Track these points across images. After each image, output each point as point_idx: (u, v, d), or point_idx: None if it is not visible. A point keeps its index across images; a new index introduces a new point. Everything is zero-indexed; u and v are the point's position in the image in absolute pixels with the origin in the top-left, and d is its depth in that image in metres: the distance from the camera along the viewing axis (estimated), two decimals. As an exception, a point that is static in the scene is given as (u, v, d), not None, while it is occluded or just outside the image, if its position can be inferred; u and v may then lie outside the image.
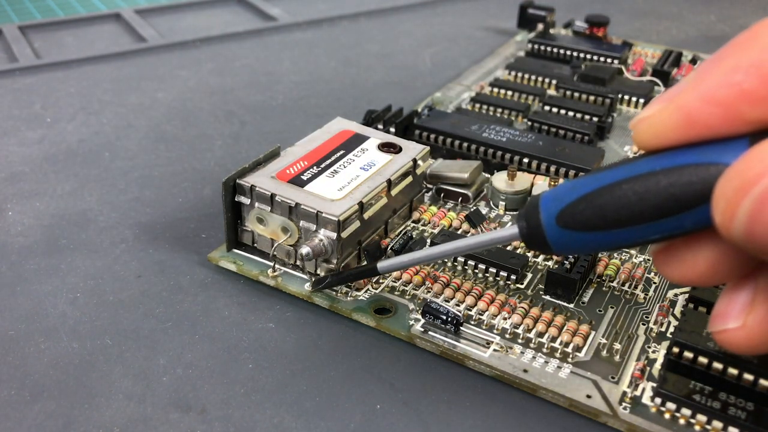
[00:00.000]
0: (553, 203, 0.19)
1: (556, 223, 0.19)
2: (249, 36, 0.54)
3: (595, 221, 0.18)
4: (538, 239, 0.20)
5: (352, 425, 0.23)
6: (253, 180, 0.28)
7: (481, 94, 0.43)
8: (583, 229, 0.19)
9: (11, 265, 0.29)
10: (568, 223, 0.19)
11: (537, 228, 0.20)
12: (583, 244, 0.19)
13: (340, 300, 0.27)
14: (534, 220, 0.20)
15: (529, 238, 0.20)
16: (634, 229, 0.18)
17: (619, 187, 0.18)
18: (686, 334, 0.23)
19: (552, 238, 0.19)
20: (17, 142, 0.39)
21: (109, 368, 0.24)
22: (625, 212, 0.18)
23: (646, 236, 0.18)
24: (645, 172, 0.18)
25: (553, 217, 0.19)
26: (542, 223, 0.19)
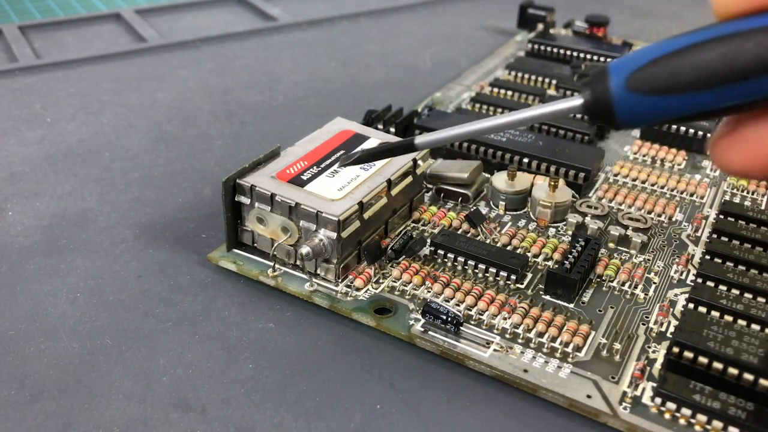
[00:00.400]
0: (624, 67, 0.18)
1: (626, 87, 0.18)
2: (249, 36, 0.54)
3: (670, 83, 0.18)
4: (603, 107, 0.19)
5: (352, 425, 0.23)
6: (253, 180, 0.28)
7: (481, 94, 0.43)
8: (655, 93, 0.18)
9: (11, 265, 0.29)
10: (639, 86, 0.18)
11: (604, 94, 0.18)
12: (653, 110, 0.18)
13: (340, 300, 0.27)
14: (601, 85, 0.19)
15: (594, 106, 0.19)
16: (711, 93, 0.17)
17: (699, 47, 0.17)
18: (686, 334, 0.23)
19: (620, 105, 0.18)
20: (17, 142, 0.39)
21: (109, 368, 0.24)
22: (705, 73, 0.17)
23: (721, 102, 0.17)
24: (730, 32, 0.17)
25: (623, 80, 0.18)
26: (611, 87, 0.18)
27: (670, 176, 0.35)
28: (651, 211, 0.33)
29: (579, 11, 0.56)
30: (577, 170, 0.34)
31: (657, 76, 0.18)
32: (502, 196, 0.32)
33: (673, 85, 0.17)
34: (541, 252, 0.29)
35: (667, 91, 0.18)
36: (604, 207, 0.32)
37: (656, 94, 0.18)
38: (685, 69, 0.17)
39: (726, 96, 0.17)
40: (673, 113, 0.18)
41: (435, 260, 0.29)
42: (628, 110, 0.18)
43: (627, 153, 0.38)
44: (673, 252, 0.30)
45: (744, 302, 0.25)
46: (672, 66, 0.17)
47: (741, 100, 0.17)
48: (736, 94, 0.17)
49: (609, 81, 0.18)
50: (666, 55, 0.18)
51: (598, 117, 0.19)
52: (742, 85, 0.17)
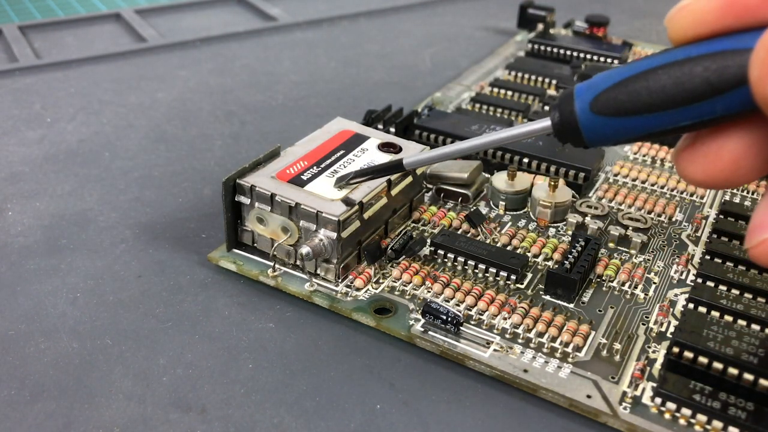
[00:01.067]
0: (588, 91, 0.20)
1: (590, 110, 0.20)
2: (249, 36, 0.54)
3: (629, 106, 0.19)
4: (570, 128, 0.20)
5: (352, 425, 0.23)
6: (253, 180, 0.28)
7: (481, 94, 0.43)
8: (616, 115, 0.19)
9: (11, 265, 0.29)
10: (602, 109, 0.19)
11: (570, 116, 0.20)
12: (616, 130, 0.19)
13: (340, 300, 0.27)
14: (567, 108, 0.20)
15: (562, 128, 0.20)
16: (666, 114, 0.19)
17: (654, 72, 0.19)
18: (686, 334, 0.23)
19: (585, 126, 0.20)
20: (17, 142, 0.39)
21: (109, 368, 0.24)
22: (660, 96, 0.18)
23: (677, 122, 0.19)
24: (681, 58, 0.18)
25: (587, 104, 0.20)
26: (576, 110, 0.20)
27: (670, 176, 0.35)
28: (651, 211, 0.33)
29: (579, 11, 0.56)
30: (577, 170, 0.34)
31: (617, 99, 0.19)
32: (502, 196, 0.32)
33: (632, 107, 0.19)
34: (541, 252, 0.29)
35: (627, 113, 0.19)
36: (604, 207, 0.32)
37: (618, 115, 0.19)
38: (643, 93, 0.19)
39: (680, 117, 0.18)
40: (635, 133, 0.19)
41: (435, 260, 0.29)
42: (594, 131, 0.20)
43: (627, 153, 0.38)
44: (673, 252, 0.30)
45: (744, 302, 0.25)
46: (630, 90, 0.19)
47: (694, 120, 0.18)
48: (690, 115, 0.18)
49: (574, 104, 0.20)
50: (625, 80, 0.19)
51: (566, 137, 0.21)
52: (694, 106, 0.18)
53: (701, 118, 0.18)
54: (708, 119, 0.18)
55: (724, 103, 0.18)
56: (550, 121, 0.21)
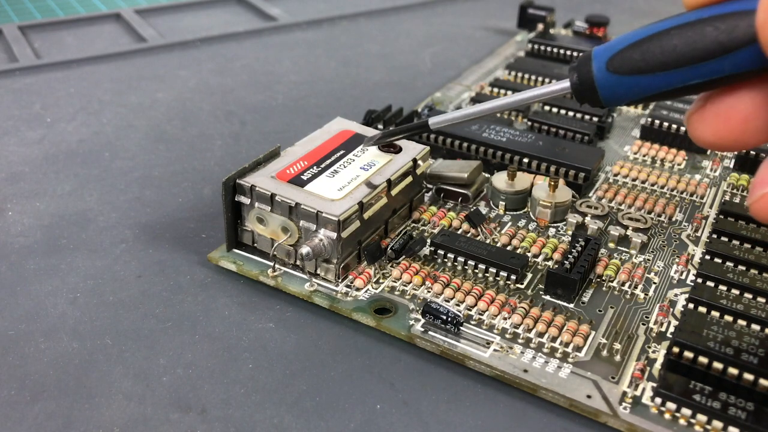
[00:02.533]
0: (605, 52, 0.21)
1: (607, 69, 0.21)
2: (249, 36, 0.54)
3: (642, 65, 0.20)
4: (588, 88, 0.22)
5: (352, 425, 0.23)
6: (253, 180, 0.28)
7: (481, 94, 0.43)
8: (631, 73, 0.20)
9: (11, 265, 0.29)
10: (618, 68, 0.21)
11: (588, 75, 0.21)
12: (630, 89, 0.21)
13: (340, 300, 0.27)
14: (585, 68, 0.21)
15: (580, 88, 0.22)
16: (678, 72, 0.20)
17: (667, 33, 0.20)
18: (686, 334, 0.23)
19: (601, 85, 0.21)
20: (17, 142, 0.39)
21: (109, 368, 0.24)
22: (672, 55, 0.20)
23: (688, 80, 0.20)
24: (693, 20, 0.20)
25: (604, 63, 0.21)
26: (593, 70, 0.21)
27: (670, 176, 0.35)
28: (651, 211, 0.33)
29: (579, 11, 0.56)
30: (577, 170, 0.34)
31: (632, 59, 0.21)
32: (502, 196, 0.32)
33: (646, 66, 0.20)
34: (541, 252, 0.29)
35: (641, 71, 0.20)
36: (604, 207, 0.32)
37: (632, 74, 0.21)
38: (656, 52, 0.20)
39: (691, 75, 0.20)
40: (648, 91, 0.21)
41: (435, 260, 0.29)
42: (610, 90, 0.21)
43: (627, 153, 0.38)
44: (673, 252, 0.30)
45: (744, 302, 0.25)
46: (644, 50, 0.20)
47: (705, 78, 0.20)
48: (699, 73, 0.20)
49: (592, 65, 0.21)
50: (639, 41, 0.21)
51: (584, 97, 0.22)
52: (704, 65, 0.19)
53: (711, 77, 0.19)
54: (717, 78, 0.19)
55: (732, 62, 0.19)
56: (569, 82, 0.22)
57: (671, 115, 0.39)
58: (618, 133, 0.40)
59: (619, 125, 0.41)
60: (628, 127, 0.41)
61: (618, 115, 0.42)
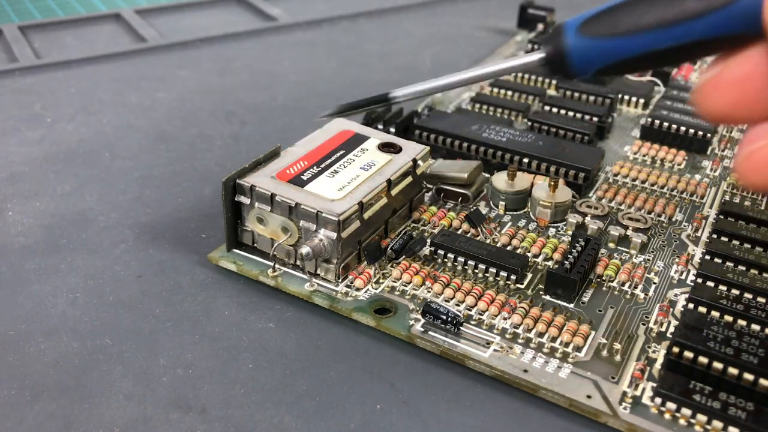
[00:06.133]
0: (577, 19, 0.22)
1: (579, 32, 0.21)
2: (249, 36, 0.54)
3: (614, 26, 0.21)
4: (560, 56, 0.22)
5: (352, 425, 0.23)
6: (253, 180, 0.28)
7: (481, 94, 0.43)
8: (603, 35, 0.21)
9: (11, 265, 0.29)
10: (589, 30, 0.21)
11: (560, 43, 0.22)
12: (602, 52, 0.21)
13: (340, 300, 0.27)
14: (558, 36, 0.22)
15: (553, 55, 0.22)
16: (649, 34, 0.20)
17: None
18: (686, 334, 0.23)
19: (574, 48, 0.21)
20: (17, 142, 0.39)
21: (109, 368, 0.24)
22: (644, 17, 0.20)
23: (660, 43, 0.20)
24: None
25: (576, 28, 0.21)
26: (565, 35, 0.22)
27: (670, 176, 0.35)
28: (651, 211, 0.33)
29: (579, 11, 0.56)
30: (577, 170, 0.34)
31: (604, 21, 0.21)
32: (502, 196, 0.32)
33: (617, 27, 0.20)
34: (541, 252, 0.29)
35: (612, 33, 0.21)
36: (604, 207, 0.32)
37: (604, 35, 0.21)
38: (627, 14, 0.20)
39: (663, 37, 0.20)
40: (620, 54, 0.21)
41: (435, 260, 0.29)
42: (581, 54, 0.21)
43: (627, 153, 0.38)
44: (673, 252, 0.30)
45: (744, 302, 0.25)
46: (616, 13, 0.21)
47: (678, 40, 0.20)
48: (672, 36, 0.20)
49: (564, 32, 0.22)
50: (613, 6, 0.21)
51: (555, 65, 0.22)
52: (676, 27, 0.19)
53: (683, 40, 0.20)
54: (689, 42, 0.20)
55: (704, 25, 0.19)
56: (542, 53, 0.22)
57: (671, 115, 0.39)
58: (618, 133, 0.40)
59: (619, 125, 0.41)
60: (628, 127, 0.41)
61: (618, 115, 0.42)
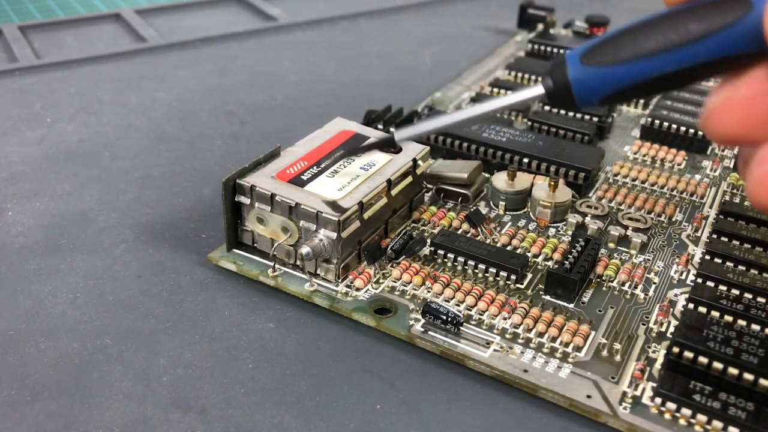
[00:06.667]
0: (578, 51, 0.21)
1: (581, 62, 0.21)
2: (249, 36, 0.54)
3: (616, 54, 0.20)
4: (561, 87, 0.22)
5: (352, 425, 0.23)
6: (253, 180, 0.28)
7: (481, 94, 0.43)
8: (605, 64, 0.21)
9: (11, 265, 0.29)
10: (592, 59, 0.21)
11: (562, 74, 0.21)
12: (605, 80, 0.21)
13: (340, 300, 0.27)
14: (559, 69, 0.21)
15: (554, 89, 0.22)
16: (652, 60, 0.20)
17: (642, 25, 0.20)
18: (686, 334, 0.23)
19: (576, 79, 0.21)
20: (17, 142, 0.39)
21: (109, 368, 0.24)
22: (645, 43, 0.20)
23: (663, 67, 0.20)
24: (666, 12, 0.20)
25: (578, 58, 0.21)
26: (567, 68, 0.21)
27: (670, 176, 0.35)
28: (651, 211, 0.33)
29: (579, 11, 0.56)
30: (577, 170, 0.34)
31: (606, 50, 0.21)
32: (502, 196, 0.32)
33: (620, 55, 0.20)
34: (541, 252, 0.29)
35: (615, 61, 0.20)
36: (604, 207, 0.32)
37: (606, 64, 0.21)
38: (630, 41, 0.20)
39: (666, 61, 0.20)
40: (624, 82, 0.21)
41: (435, 260, 0.29)
42: (584, 84, 0.21)
43: (627, 153, 0.38)
44: (673, 252, 0.30)
45: (744, 302, 0.25)
46: (618, 41, 0.21)
47: (681, 65, 0.20)
48: (675, 59, 0.20)
49: (566, 65, 0.21)
50: (614, 35, 0.21)
51: (557, 99, 0.22)
52: (678, 50, 0.20)
53: (686, 63, 0.20)
54: (692, 65, 0.20)
55: (706, 47, 0.19)
56: (542, 86, 0.22)
57: (671, 115, 0.39)
58: (618, 133, 0.40)
59: (619, 125, 0.41)
60: (628, 127, 0.41)
61: (618, 115, 0.42)
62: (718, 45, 0.19)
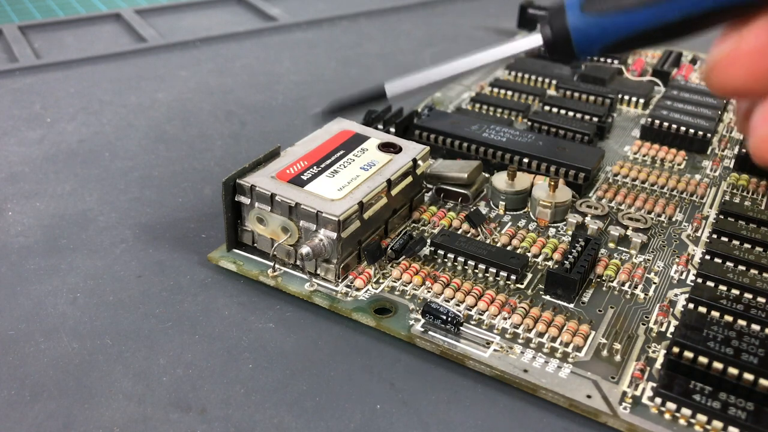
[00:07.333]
0: None
1: (581, 10, 0.20)
2: (249, 36, 0.54)
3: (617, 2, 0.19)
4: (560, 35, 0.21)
5: (352, 425, 0.23)
6: (253, 180, 0.28)
7: (481, 94, 0.43)
8: (606, 11, 0.20)
9: (11, 265, 0.29)
10: (592, 7, 0.20)
11: (561, 22, 0.20)
12: (605, 29, 0.20)
13: (340, 300, 0.27)
14: (558, 16, 0.21)
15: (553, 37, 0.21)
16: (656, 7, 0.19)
17: None
18: (686, 334, 0.23)
19: (575, 27, 0.20)
20: (17, 142, 0.39)
21: (109, 368, 0.24)
22: None
23: (666, 16, 0.19)
24: None
25: (578, 6, 0.20)
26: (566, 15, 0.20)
27: (670, 176, 0.35)
28: (651, 211, 0.33)
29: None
30: (577, 170, 0.34)
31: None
32: (502, 196, 0.32)
33: (621, 3, 0.20)
34: (541, 252, 0.29)
35: (616, 7, 0.20)
36: (604, 207, 0.32)
37: (607, 12, 0.20)
38: None
39: (670, 9, 0.19)
40: (624, 31, 0.20)
41: (435, 260, 0.29)
42: (584, 33, 0.20)
43: (627, 153, 0.38)
44: (673, 252, 0.30)
45: (744, 302, 0.25)
46: None
47: (683, 12, 0.19)
48: (679, 7, 0.19)
49: (565, 12, 0.21)
50: None
51: (556, 48, 0.21)
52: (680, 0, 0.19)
53: (690, 11, 0.19)
54: (697, 13, 0.19)
55: None
56: (540, 35, 0.21)
57: (671, 115, 0.39)
58: (618, 133, 0.40)
59: (619, 125, 0.41)
60: (628, 127, 0.41)
61: (618, 115, 0.42)
62: None
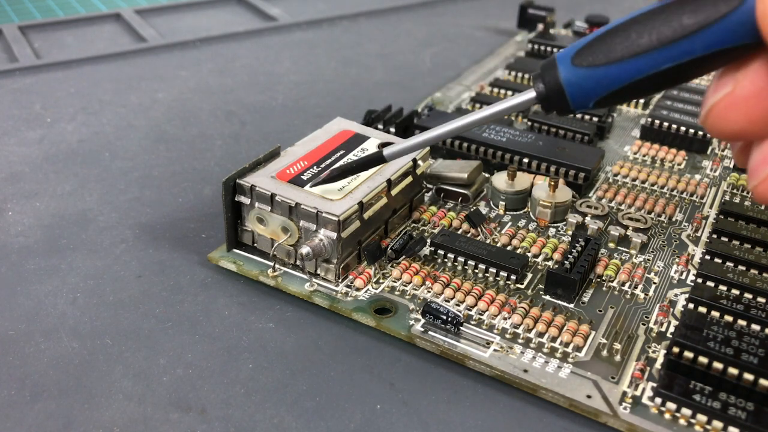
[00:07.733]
0: (569, 51, 0.21)
1: (573, 64, 0.20)
2: (249, 36, 0.54)
3: (609, 53, 0.20)
4: (555, 91, 0.21)
5: (352, 425, 0.23)
6: (253, 180, 0.28)
7: (481, 94, 0.43)
8: (598, 63, 0.20)
9: (11, 265, 0.29)
10: (584, 60, 0.20)
11: (553, 77, 0.20)
12: (599, 81, 0.20)
13: (340, 300, 0.27)
14: (550, 71, 0.21)
15: (546, 93, 0.21)
16: (647, 57, 0.19)
17: (633, 21, 0.20)
18: (686, 334, 0.23)
19: (568, 82, 0.20)
20: (17, 142, 0.39)
21: (109, 368, 0.24)
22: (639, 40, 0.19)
23: (658, 65, 0.19)
24: (658, 6, 0.19)
25: (569, 60, 0.20)
26: (558, 70, 0.20)
27: (670, 176, 0.35)
28: (651, 211, 0.33)
29: (579, 11, 0.56)
30: (577, 170, 0.34)
31: (598, 49, 0.20)
32: (502, 196, 0.32)
33: (613, 54, 0.20)
34: (541, 252, 0.29)
35: (608, 60, 0.20)
36: (604, 207, 0.32)
37: (599, 64, 0.20)
38: (622, 39, 0.20)
39: (661, 58, 0.19)
40: (618, 81, 0.20)
41: (435, 260, 0.29)
42: (578, 86, 0.20)
43: (627, 153, 0.38)
44: (673, 252, 0.30)
45: (744, 302, 0.25)
46: (610, 39, 0.20)
47: (675, 60, 0.19)
48: (670, 56, 0.19)
49: (557, 66, 0.21)
50: (605, 33, 0.20)
51: (551, 103, 0.21)
52: (673, 46, 0.19)
53: (680, 59, 0.19)
54: (688, 60, 0.19)
55: (701, 41, 0.18)
56: (533, 92, 0.21)
57: (671, 115, 0.39)
58: (618, 133, 0.40)
59: (619, 125, 0.41)
60: (628, 127, 0.41)
61: (618, 115, 0.42)
62: (713, 38, 0.18)
